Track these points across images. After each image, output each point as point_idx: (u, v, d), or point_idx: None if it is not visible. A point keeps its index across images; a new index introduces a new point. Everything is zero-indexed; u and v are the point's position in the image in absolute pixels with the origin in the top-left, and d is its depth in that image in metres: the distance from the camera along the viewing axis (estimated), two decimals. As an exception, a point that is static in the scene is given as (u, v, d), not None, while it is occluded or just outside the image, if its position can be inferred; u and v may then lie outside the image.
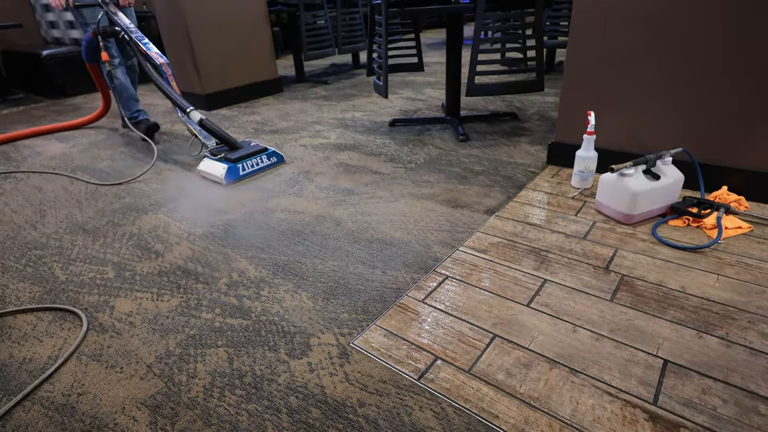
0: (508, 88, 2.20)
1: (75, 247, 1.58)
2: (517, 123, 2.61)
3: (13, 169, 2.39)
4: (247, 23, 3.48)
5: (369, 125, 2.79)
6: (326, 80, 4.24)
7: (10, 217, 1.84)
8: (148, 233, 1.64)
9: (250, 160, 2.13)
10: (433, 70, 4.36)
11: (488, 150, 2.21)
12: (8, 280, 1.41)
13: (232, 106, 3.49)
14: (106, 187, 2.08)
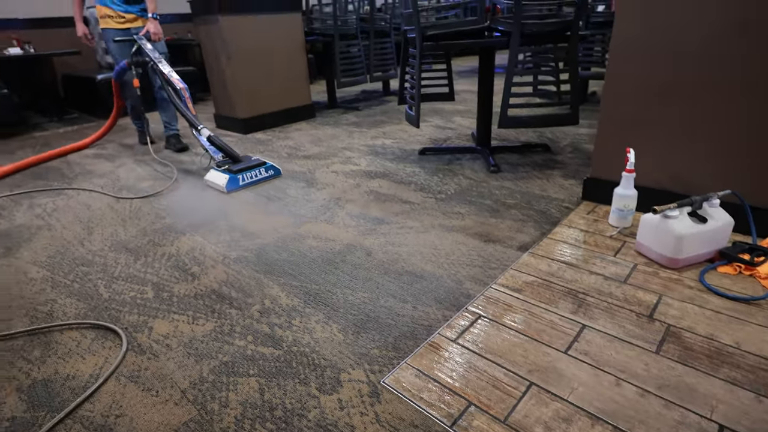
0: (541, 121, 2.21)
1: (118, 265, 1.65)
2: (549, 155, 2.60)
3: (65, 185, 2.52)
4: (285, 52, 3.61)
5: (399, 153, 2.83)
6: (357, 106, 4.33)
7: (61, 233, 1.93)
8: (186, 254, 1.70)
9: (250, 171, 2.40)
10: (462, 98, 4.41)
11: (520, 182, 2.21)
12: (57, 295, 1.47)
13: (267, 130, 3.60)
14: (148, 207, 2.16)
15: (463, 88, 4.93)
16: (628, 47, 1.63)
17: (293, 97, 3.79)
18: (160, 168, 2.77)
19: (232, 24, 3.25)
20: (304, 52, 3.77)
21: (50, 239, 1.88)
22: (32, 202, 2.30)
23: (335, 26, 3.84)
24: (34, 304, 1.43)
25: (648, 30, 1.57)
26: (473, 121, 3.49)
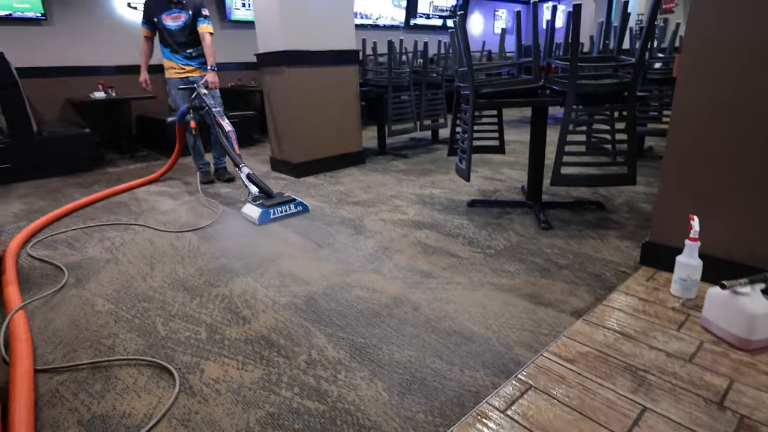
0: (596, 180, 2.18)
1: (175, 303, 1.73)
2: (603, 213, 2.53)
3: (132, 221, 2.71)
4: (340, 101, 3.79)
5: (447, 203, 2.85)
6: (406, 154, 4.43)
7: (127, 268, 2.06)
8: (238, 297, 1.76)
9: (280, 207, 2.67)
10: (511, 148, 4.41)
11: (572, 242, 2.15)
12: (119, 329, 1.56)
13: (319, 175, 3.74)
14: (206, 247, 2.27)
15: (513, 138, 4.94)
16: (692, 108, 1.60)
17: (345, 143, 3.94)
18: (215, 207, 2.92)
19: (296, 75, 3.47)
20: (358, 102, 3.94)
21: (116, 273, 2.01)
22: (103, 236, 2.48)
23: (389, 78, 4.01)
24: (98, 337, 1.51)
25: (714, 91, 1.54)
26: (522, 173, 3.48)
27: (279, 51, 3.42)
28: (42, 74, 4.95)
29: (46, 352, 1.44)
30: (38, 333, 1.55)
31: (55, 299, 1.79)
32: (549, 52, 2.44)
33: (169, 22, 3.26)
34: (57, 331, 1.56)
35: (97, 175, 4.03)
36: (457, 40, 2.23)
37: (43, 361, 1.40)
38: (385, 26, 7.68)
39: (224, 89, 5.41)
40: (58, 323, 1.61)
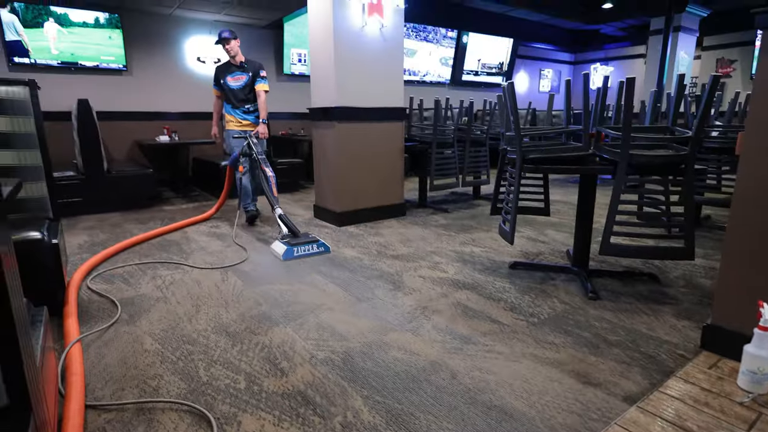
0: (650, 252, 2.10)
1: (218, 348, 1.76)
2: (657, 286, 2.41)
3: (182, 261, 2.83)
4: (385, 155, 3.91)
5: (488, 264, 2.81)
6: (446, 208, 4.45)
7: (174, 308, 2.14)
8: (277, 347, 1.78)
9: (304, 246, 2.96)
10: (556, 209, 4.34)
11: (623, 316, 2.06)
12: (164, 371, 1.60)
13: (360, 225, 3.80)
14: (249, 292, 2.33)
15: (557, 198, 4.88)
16: (758, 188, 1.54)
17: (387, 195, 4.01)
18: (264, 249, 3.01)
19: (345, 129, 3.63)
20: (403, 156, 4.05)
21: (165, 312, 2.09)
22: (155, 273, 2.60)
23: (434, 135, 4.11)
24: (144, 377, 1.56)
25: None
26: (567, 236, 3.40)
27: (331, 107, 3.60)
28: (117, 118, 5.42)
29: (97, 387, 1.50)
30: (91, 367, 1.62)
31: (108, 334, 1.88)
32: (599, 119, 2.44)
33: (231, 83, 3.77)
34: (108, 367, 1.62)
35: (153, 212, 4.27)
36: (506, 105, 2.29)
37: (93, 397, 1.45)
38: (432, 83, 7.95)
39: (275, 137, 5.73)
40: (110, 359, 1.68)
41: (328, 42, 3.51)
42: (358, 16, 3.53)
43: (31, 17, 4.80)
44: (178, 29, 5.77)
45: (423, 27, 7.40)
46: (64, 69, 5.09)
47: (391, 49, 3.78)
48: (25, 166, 2.31)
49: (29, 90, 2.29)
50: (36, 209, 2.37)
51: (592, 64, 10.01)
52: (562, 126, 2.91)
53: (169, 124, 5.41)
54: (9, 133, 2.25)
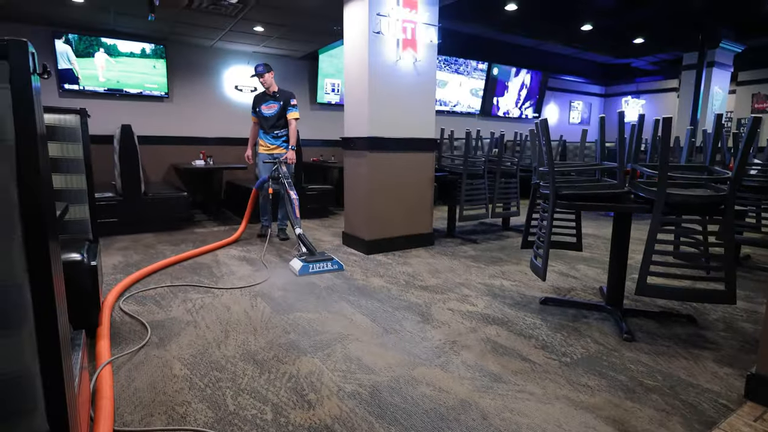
0: (689, 295, 2.02)
1: (245, 377, 1.77)
2: (695, 329, 2.31)
3: (212, 285, 2.88)
4: (415, 185, 3.94)
5: (518, 298, 2.75)
6: (475, 239, 4.41)
7: (204, 332, 2.16)
8: (305, 378, 1.77)
9: (319, 263, 3.21)
10: (587, 243, 4.24)
11: (660, 359, 1.97)
12: (192, 397, 1.61)
13: (388, 253, 3.80)
14: (277, 319, 2.34)
15: (589, 232, 4.77)
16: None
17: (416, 224, 4.01)
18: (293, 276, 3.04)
19: (376, 159, 3.68)
20: (432, 186, 4.06)
21: (195, 337, 2.11)
22: (186, 297, 2.65)
23: (465, 166, 4.12)
24: (173, 403, 1.57)
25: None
26: (600, 272, 3.31)
27: (363, 137, 3.67)
28: (156, 142, 5.66)
29: (126, 412, 1.52)
30: (121, 390, 1.64)
31: (139, 357, 1.91)
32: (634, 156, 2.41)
33: (265, 111, 4.12)
34: (137, 391, 1.65)
35: (185, 234, 4.39)
36: (539, 140, 2.28)
37: (122, 421, 1.47)
38: (462, 113, 8.03)
39: (306, 163, 5.85)
40: (139, 383, 1.70)
41: (363, 75, 3.61)
42: (392, 50, 3.63)
43: (83, 48, 5.13)
44: (218, 59, 6.04)
45: (454, 59, 7.53)
46: (109, 95, 5.38)
47: (424, 82, 3.86)
48: (71, 189, 2.43)
49: (80, 118, 2.42)
50: (78, 231, 2.47)
51: (623, 97, 9.93)
52: (594, 161, 2.87)
53: (205, 149, 5.61)
54: (59, 158, 2.37)
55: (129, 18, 4.75)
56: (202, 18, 4.68)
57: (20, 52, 0.85)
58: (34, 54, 0.87)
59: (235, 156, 5.90)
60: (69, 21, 4.85)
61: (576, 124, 10.00)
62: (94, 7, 4.44)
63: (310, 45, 5.81)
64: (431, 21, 3.78)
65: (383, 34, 3.54)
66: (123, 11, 4.55)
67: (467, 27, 6.46)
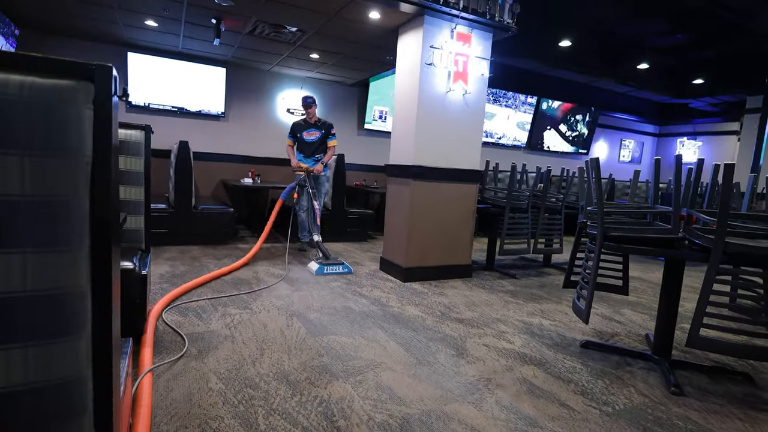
0: (746, 352, 1.88)
1: (278, 396, 1.78)
2: (752, 388, 2.13)
3: (251, 301, 2.95)
4: (456, 215, 3.92)
5: (557, 339, 2.65)
6: (515, 274, 4.30)
7: (240, 348, 2.21)
8: (335, 403, 1.76)
9: (332, 266, 3.82)
10: (633, 286, 4.05)
11: (712, 419, 1.83)
12: (225, 413, 1.64)
13: (424, 282, 3.77)
14: (312, 341, 2.36)
15: (636, 275, 4.56)
16: None
17: (455, 255, 3.97)
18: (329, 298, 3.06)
19: (419, 187, 3.70)
20: (474, 217, 4.02)
21: (231, 351, 2.16)
22: (225, 311, 2.72)
23: (508, 199, 4.06)
24: (206, 418, 1.60)
25: None
26: (646, 318, 3.15)
27: (408, 165, 3.71)
28: (208, 159, 5.95)
29: (162, 421, 1.56)
30: (159, 399, 1.69)
31: (178, 368, 1.97)
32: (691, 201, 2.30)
33: (306, 137, 4.67)
34: (174, 402, 1.69)
35: (229, 249, 4.53)
36: (588, 179, 2.23)
37: (158, 430, 1.50)
38: (507, 146, 7.97)
39: (349, 187, 5.96)
40: (176, 394, 1.75)
41: (413, 104, 3.67)
42: (443, 82, 3.68)
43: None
44: (274, 83, 6.34)
45: (503, 93, 7.54)
46: (171, 113, 5.73)
47: (472, 114, 3.88)
48: (130, 200, 2.58)
49: (144, 134, 2.59)
50: (132, 240, 2.61)
51: (679, 138, 9.57)
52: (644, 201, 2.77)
53: (253, 168, 5.83)
54: (123, 171, 2.53)
55: (196, 42, 5.09)
56: (263, 44, 4.94)
57: (105, 75, 0.92)
58: (116, 78, 0.95)
59: (281, 176, 6.10)
60: (141, 42, 5.25)
61: (626, 163, 9.69)
62: (165, 31, 4.79)
63: (362, 73, 5.99)
64: (483, 55, 3.82)
65: (435, 65, 3.61)
66: (191, 35, 4.88)
67: (519, 61, 6.48)
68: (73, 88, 0.88)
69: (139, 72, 5.47)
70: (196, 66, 5.72)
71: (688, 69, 6.49)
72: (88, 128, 0.90)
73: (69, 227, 0.87)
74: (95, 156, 0.91)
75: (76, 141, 0.87)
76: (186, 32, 4.78)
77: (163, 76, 5.59)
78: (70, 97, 0.87)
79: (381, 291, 3.41)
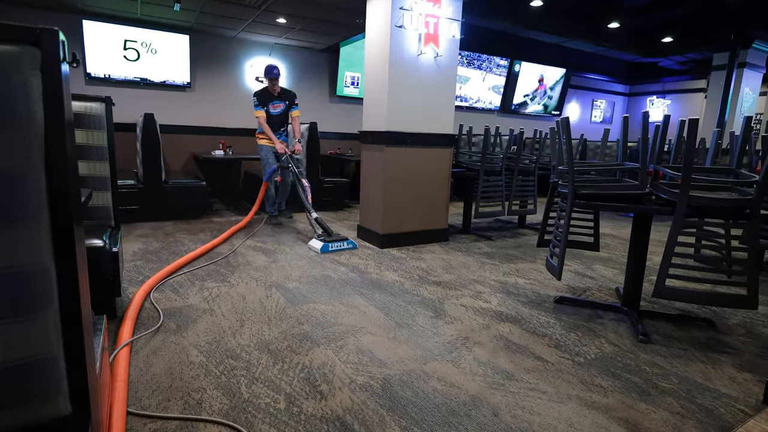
0: (709, 299, 1.99)
1: (259, 365, 1.80)
2: (714, 333, 2.27)
3: (228, 274, 2.93)
4: (432, 180, 3.92)
5: (532, 297, 2.73)
6: (490, 236, 4.38)
7: (220, 320, 2.20)
8: (317, 369, 1.79)
9: (337, 243, 3.60)
10: (605, 243, 4.19)
11: (677, 362, 1.94)
12: (207, 384, 1.65)
13: (402, 248, 3.80)
14: (291, 310, 2.37)
15: (607, 232, 4.70)
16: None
17: (431, 220, 4.01)
18: (307, 267, 3.06)
19: (393, 153, 3.68)
20: (449, 182, 4.04)
21: (211, 324, 2.15)
22: (203, 285, 2.70)
23: (482, 162, 4.08)
24: (188, 390, 1.61)
25: None
26: (616, 273, 3.27)
27: (381, 131, 3.67)
28: (177, 131, 5.75)
29: (144, 396, 1.56)
30: (140, 375, 1.69)
31: (156, 343, 1.95)
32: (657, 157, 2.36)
33: (272, 110, 4.47)
34: (155, 376, 1.69)
35: (203, 224, 4.46)
36: (559, 139, 2.25)
37: (140, 405, 1.51)
38: (482, 109, 7.95)
39: (323, 156, 5.87)
40: (157, 368, 1.74)
41: (383, 69, 3.60)
42: (414, 44, 3.61)
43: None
44: (240, 50, 6.09)
45: (477, 55, 7.45)
46: (133, 84, 5.47)
47: (445, 77, 3.83)
48: (95, 176, 2.48)
49: (105, 106, 2.47)
50: (100, 217, 2.53)
51: (648, 97, 9.71)
52: (615, 160, 2.82)
53: (224, 139, 5.67)
54: (84, 145, 2.42)
55: (156, 7, 4.81)
56: (227, 8, 4.71)
57: (52, 40, 0.86)
58: (64, 42, 0.89)
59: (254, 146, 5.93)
60: (96, 8, 4.94)
61: (598, 123, 9.81)
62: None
63: (331, 38, 5.81)
64: (454, 16, 3.74)
65: (405, 28, 3.52)
66: (150, 1, 4.61)
67: (491, 23, 6.37)
68: (17, 53, 0.83)
69: (97, 41, 5.17)
70: (157, 33, 5.43)
71: (657, 27, 6.53)
72: (37, 96, 0.85)
73: (25, 202, 0.83)
74: (48, 126, 0.86)
75: (24, 110, 0.82)
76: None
77: (122, 45, 5.30)
78: (13, 64, 0.82)
79: (359, 258, 3.43)
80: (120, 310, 2.22)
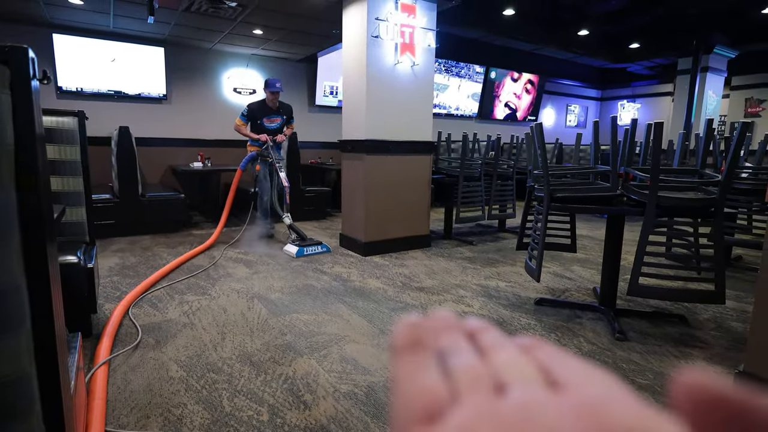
0: (679, 295, 2.05)
1: (242, 378, 1.78)
2: (686, 329, 2.34)
3: (209, 287, 2.90)
4: (412, 187, 3.96)
5: (513, 299, 2.78)
6: (472, 240, 4.43)
7: (200, 334, 2.18)
8: (300, 379, 1.78)
9: (311, 247, 3.74)
10: (582, 244, 4.27)
11: (652, 358, 2.00)
12: (188, 399, 1.63)
13: (385, 255, 3.82)
14: (274, 321, 2.36)
15: (583, 233, 4.81)
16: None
17: (413, 226, 4.04)
18: (290, 278, 3.05)
19: (373, 161, 3.71)
20: (429, 188, 4.08)
21: (191, 338, 2.13)
22: (182, 299, 2.66)
23: (462, 168, 4.14)
24: (168, 406, 1.59)
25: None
26: (594, 273, 3.34)
27: (361, 140, 3.69)
28: (153, 144, 5.67)
29: (123, 414, 1.53)
30: (117, 393, 1.66)
31: (135, 360, 1.92)
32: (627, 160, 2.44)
33: (267, 124, 4.33)
34: (133, 393, 1.66)
35: (182, 237, 4.40)
36: (534, 144, 2.31)
37: (118, 423, 1.48)
38: (461, 116, 8.06)
39: (304, 165, 5.87)
40: (136, 385, 1.71)
41: (361, 78, 3.63)
42: (390, 54, 3.65)
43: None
44: (217, 62, 6.06)
45: (455, 63, 7.56)
46: (107, 97, 5.39)
47: (422, 86, 3.88)
48: (68, 191, 2.44)
49: (78, 120, 2.43)
50: (75, 233, 2.48)
51: (620, 101, 9.99)
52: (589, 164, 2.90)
53: (203, 151, 5.62)
54: (56, 160, 2.38)
55: (128, 20, 4.76)
56: (202, 20, 4.69)
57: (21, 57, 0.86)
58: (34, 60, 0.89)
59: (233, 158, 5.90)
60: (67, 22, 4.87)
61: (572, 127, 10.04)
62: (92, 10, 4.45)
63: (309, 48, 5.83)
64: (429, 26, 3.80)
65: (381, 38, 3.57)
66: (122, 14, 4.56)
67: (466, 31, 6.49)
68: (-15, 71, 0.82)
69: (68, 55, 5.08)
70: (131, 46, 5.37)
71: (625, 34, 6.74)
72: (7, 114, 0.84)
73: (-6, 220, 0.82)
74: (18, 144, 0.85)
75: (-7, 128, 0.81)
76: (116, 10, 4.46)
77: (95, 58, 5.22)
78: (-19, 82, 0.81)
79: (342, 267, 3.43)
80: (97, 327, 2.17)
